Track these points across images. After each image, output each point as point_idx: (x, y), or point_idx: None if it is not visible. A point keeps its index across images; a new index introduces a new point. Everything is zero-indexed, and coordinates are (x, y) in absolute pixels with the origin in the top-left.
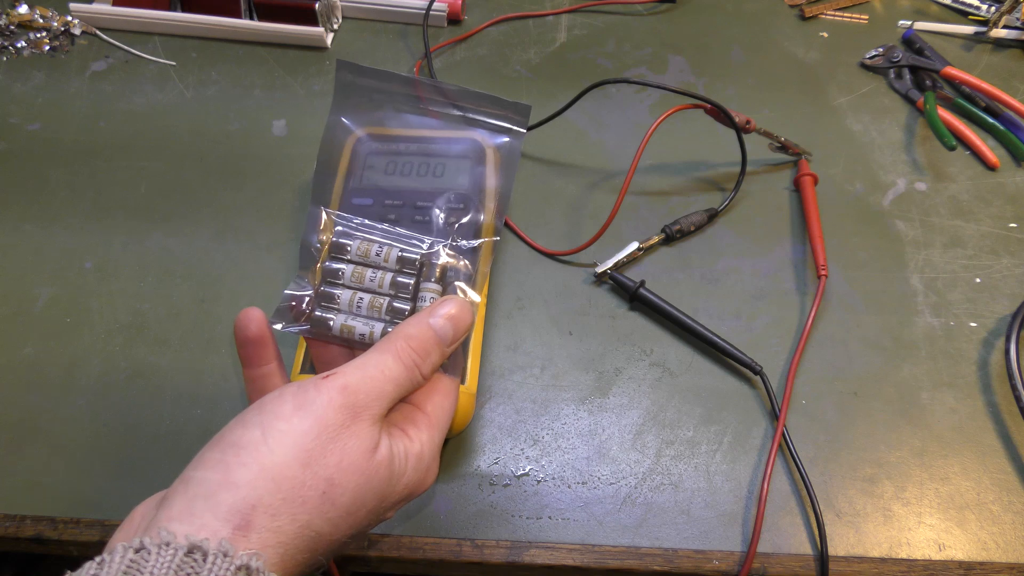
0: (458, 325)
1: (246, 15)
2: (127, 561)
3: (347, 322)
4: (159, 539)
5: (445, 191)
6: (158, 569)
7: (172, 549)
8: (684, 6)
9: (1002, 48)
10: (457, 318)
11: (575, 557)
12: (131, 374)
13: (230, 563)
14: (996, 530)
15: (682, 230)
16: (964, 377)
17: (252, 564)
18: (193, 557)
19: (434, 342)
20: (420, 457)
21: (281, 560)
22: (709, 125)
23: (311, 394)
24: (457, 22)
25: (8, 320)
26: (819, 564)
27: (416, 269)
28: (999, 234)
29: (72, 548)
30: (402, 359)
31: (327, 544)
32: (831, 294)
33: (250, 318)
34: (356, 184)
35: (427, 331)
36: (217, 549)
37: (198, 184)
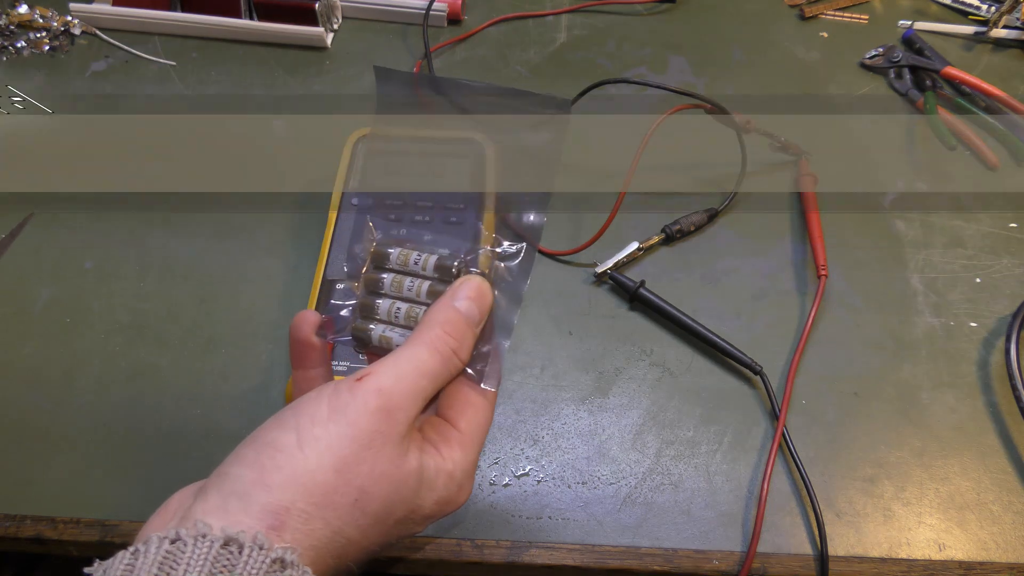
0: (482, 304)
1: (246, 15)
2: (163, 552)
3: (385, 333)
4: (195, 531)
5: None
6: (195, 560)
7: (208, 541)
8: (684, 6)
9: (1002, 48)
10: (479, 297)
11: (575, 557)
12: (131, 374)
13: (265, 555)
14: (996, 530)
15: (682, 230)
16: (964, 377)
17: (287, 557)
18: (229, 549)
19: (465, 324)
20: (451, 476)
21: (313, 562)
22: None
23: (345, 397)
24: (457, 22)
25: (8, 320)
26: (819, 564)
27: (452, 277)
28: (999, 234)
29: (72, 548)
30: (438, 348)
31: (356, 551)
32: (831, 294)
33: (304, 319)
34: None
35: (455, 314)
36: (253, 542)
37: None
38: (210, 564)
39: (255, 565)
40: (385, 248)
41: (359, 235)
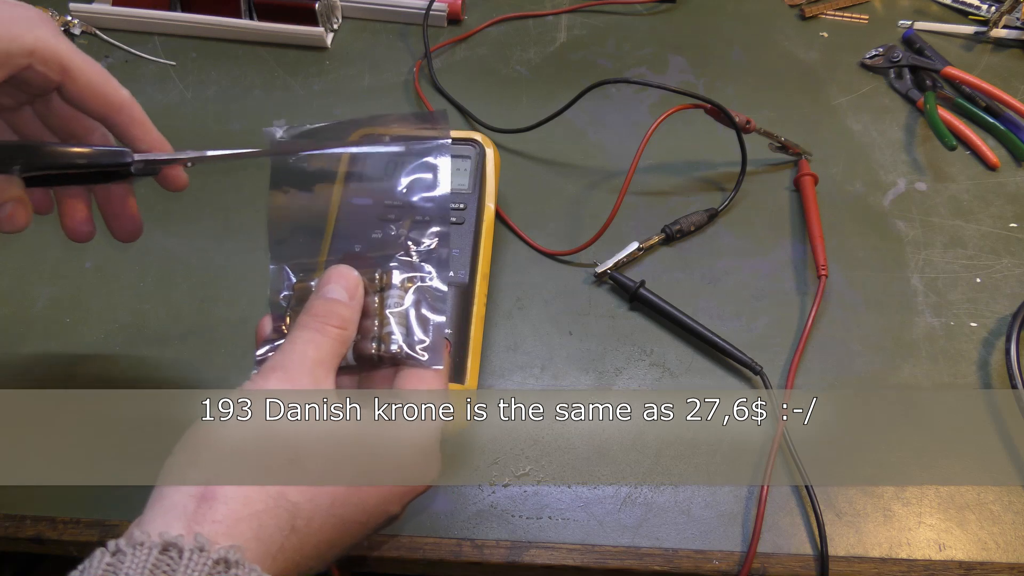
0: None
1: (246, 15)
2: (103, 566)
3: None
4: (133, 540)
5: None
6: (133, 569)
7: (146, 549)
8: (684, 6)
9: (1002, 48)
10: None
11: (575, 557)
12: (131, 374)
13: (207, 558)
14: (996, 530)
15: (682, 230)
16: (964, 377)
17: (230, 557)
18: (168, 555)
19: (329, 301)
20: (414, 443)
21: (257, 537)
22: (709, 125)
23: (256, 381)
24: (457, 22)
25: (8, 320)
26: (819, 564)
27: (376, 288)
28: (999, 234)
29: (72, 548)
30: (309, 326)
31: (313, 527)
32: (831, 294)
33: (264, 326)
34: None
35: (317, 300)
36: (193, 545)
37: (198, 184)
38: (148, 572)
39: (196, 568)
40: (307, 283)
41: (278, 285)
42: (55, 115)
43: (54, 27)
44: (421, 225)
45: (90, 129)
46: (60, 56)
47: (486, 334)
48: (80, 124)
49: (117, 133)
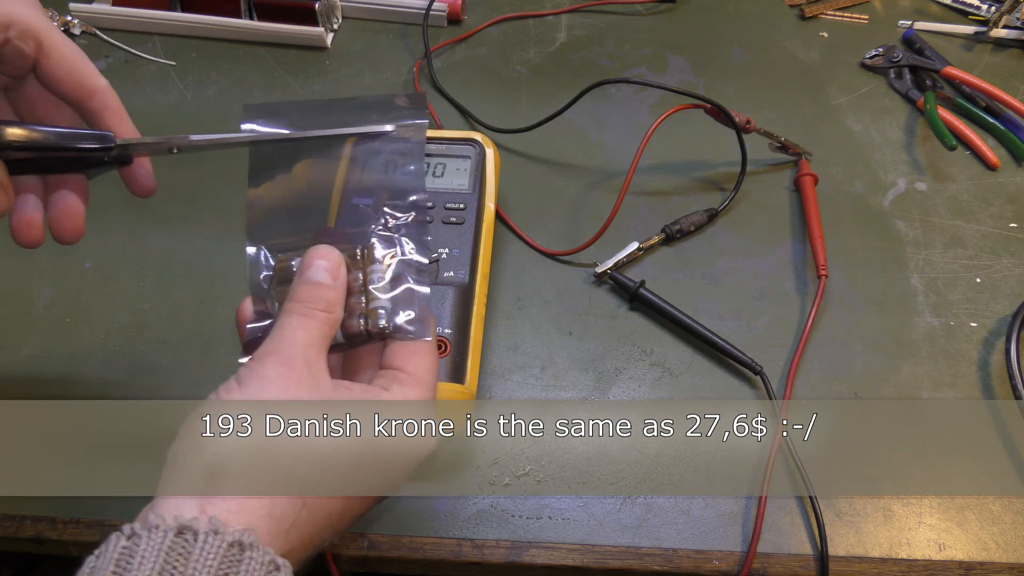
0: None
1: (246, 15)
2: (119, 549)
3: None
4: (148, 523)
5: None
6: (149, 552)
7: (161, 532)
8: (684, 6)
9: (1002, 48)
10: (319, 258)
11: (575, 557)
12: (131, 374)
13: (221, 540)
14: (996, 530)
15: (682, 230)
16: (964, 377)
17: (244, 540)
18: (184, 537)
19: (314, 285)
20: (413, 457)
21: (271, 514)
22: (709, 125)
23: (250, 366)
24: (457, 22)
25: (8, 320)
26: (819, 564)
27: (359, 265)
28: (999, 234)
29: (72, 548)
30: (297, 311)
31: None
32: (831, 294)
33: (245, 308)
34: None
35: (301, 284)
36: (207, 528)
37: (198, 184)
38: (164, 555)
39: (211, 551)
40: (288, 263)
41: (257, 267)
42: (27, 99)
43: (34, 2)
44: (398, 196)
45: (62, 118)
46: (37, 31)
47: (486, 334)
48: (51, 112)
49: (91, 121)
